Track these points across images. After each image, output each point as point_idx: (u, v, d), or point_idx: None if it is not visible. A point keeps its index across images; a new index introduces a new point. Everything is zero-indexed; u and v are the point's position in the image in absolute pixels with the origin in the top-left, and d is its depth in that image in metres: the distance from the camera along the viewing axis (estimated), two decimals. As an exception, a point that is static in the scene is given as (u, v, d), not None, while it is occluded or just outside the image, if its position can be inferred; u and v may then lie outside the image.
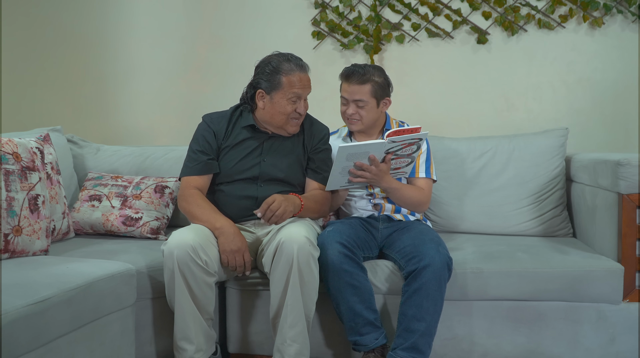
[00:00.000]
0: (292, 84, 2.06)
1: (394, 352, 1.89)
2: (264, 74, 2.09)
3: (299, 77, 2.08)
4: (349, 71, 2.19)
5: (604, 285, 1.99)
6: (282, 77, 2.07)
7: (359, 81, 2.16)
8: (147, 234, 2.43)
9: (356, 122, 2.22)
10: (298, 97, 2.09)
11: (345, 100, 2.22)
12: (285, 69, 2.07)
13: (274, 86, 2.08)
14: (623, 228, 2.02)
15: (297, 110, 2.10)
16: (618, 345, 2.02)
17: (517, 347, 2.05)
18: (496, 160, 2.57)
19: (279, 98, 2.08)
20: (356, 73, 2.17)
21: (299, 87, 2.08)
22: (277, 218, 1.93)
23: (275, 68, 2.07)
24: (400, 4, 3.02)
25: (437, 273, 1.88)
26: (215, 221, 1.99)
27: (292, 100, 2.08)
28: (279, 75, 2.07)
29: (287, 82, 2.06)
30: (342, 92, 2.23)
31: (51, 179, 2.27)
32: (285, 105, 2.08)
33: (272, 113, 2.11)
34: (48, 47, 3.46)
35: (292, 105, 2.09)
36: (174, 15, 3.30)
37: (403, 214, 2.27)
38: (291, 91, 2.07)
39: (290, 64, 2.08)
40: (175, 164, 2.68)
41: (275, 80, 2.07)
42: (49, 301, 1.56)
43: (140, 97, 3.38)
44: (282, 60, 2.09)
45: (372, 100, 2.18)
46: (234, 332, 2.16)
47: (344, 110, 2.24)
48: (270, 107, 2.10)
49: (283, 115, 2.10)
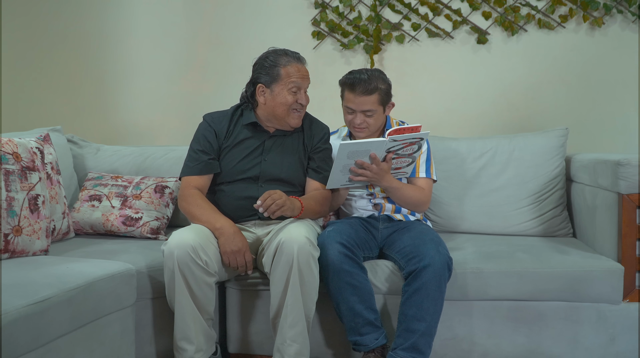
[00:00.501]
0: (290, 74, 2.09)
1: (394, 352, 1.89)
2: (263, 68, 2.12)
3: (297, 67, 2.11)
4: (353, 80, 2.13)
5: (604, 285, 1.99)
6: (281, 69, 2.09)
7: (366, 91, 2.11)
8: (147, 234, 2.43)
9: (364, 130, 2.19)
10: (298, 87, 2.10)
11: (351, 110, 2.17)
12: (283, 61, 2.10)
13: (273, 78, 2.10)
14: (623, 228, 2.02)
15: (299, 101, 2.11)
16: (618, 345, 2.02)
17: (517, 347, 2.05)
18: (496, 160, 2.57)
19: (280, 89, 2.10)
20: (362, 82, 2.11)
21: (298, 77, 2.10)
22: (276, 207, 1.92)
23: (274, 61, 2.11)
24: (400, 4, 3.02)
25: (437, 273, 1.88)
26: (215, 221, 1.99)
27: (293, 91, 2.10)
28: (278, 67, 2.10)
29: (285, 73, 2.09)
30: (346, 102, 2.18)
31: (51, 178, 2.27)
32: (286, 96, 2.10)
33: (274, 105, 2.12)
34: (48, 47, 3.46)
35: (293, 96, 2.10)
36: (174, 15, 3.30)
37: (403, 214, 2.26)
38: (290, 81, 2.09)
39: (287, 57, 2.12)
40: (175, 163, 2.68)
41: (275, 73, 2.10)
42: (49, 301, 1.56)
43: (140, 97, 3.38)
44: (279, 54, 2.13)
45: (380, 108, 2.16)
46: (234, 332, 2.16)
47: (350, 119, 2.19)
48: (271, 99, 2.11)
49: (285, 106, 2.11)
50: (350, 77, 2.16)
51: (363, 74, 2.14)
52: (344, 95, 2.20)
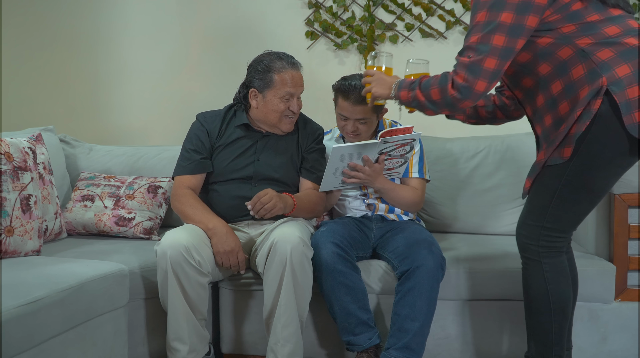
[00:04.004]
0: (284, 82, 2.06)
1: (388, 351, 1.89)
2: (257, 72, 2.10)
3: (291, 74, 2.08)
4: (347, 88, 2.09)
5: (596, 284, 2.01)
6: (275, 75, 2.06)
7: (360, 100, 2.06)
8: (140, 234, 2.42)
9: (357, 137, 2.16)
10: (291, 95, 2.08)
11: (344, 117, 2.14)
12: (277, 67, 2.07)
13: (266, 84, 2.08)
14: (615, 228, 2.04)
15: (290, 108, 2.10)
16: (610, 344, 2.03)
17: (510, 347, 2.06)
18: (489, 160, 2.58)
19: (272, 96, 2.08)
20: (355, 90, 2.06)
21: (291, 86, 2.07)
22: (265, 212, 1.92)
23: (267, 66, 2.07)
24: (393, 4, 3.02)
25: (431, 273, 1.88)
26: (208, 221, 1.99)
27: (285, 99, 2.08)
28: (271, 73, 2.07)
29: (279, 80, 2.06)
30: (340, 109, 2.14)
31: (43, 179, 2.26)
32: (278, 104, 2.08)
33: (265, 111, 2.11)
34: (41, 47, 3.44)
35: (285, 104, 2.08)
36: (167, 15, 3.29)
37: (397, 214, 2.27)
38: (284, 89, 2.06)
39: (282, 62, 2.08)
40: (168, 163, 2.67)
41: (268, 79, 2.07)
42: (42, 302, 1.55)
43: (134, 97, 3.37)
44: (274, 59, 2.09)
45: (373, 116, 2.15)
46: (227, 332, 2.16)
47: (342, 126, 2.16)
48: (263, 105, 2.10)
49: (276, 114, 2.10)
50: (344, 84, 2.12)
51: (356, 79, 2.09)
52: (337, 102, 2.16)
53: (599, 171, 1.57)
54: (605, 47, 1.52)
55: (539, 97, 1.66)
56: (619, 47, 1.52)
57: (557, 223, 1.63)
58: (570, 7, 1.55)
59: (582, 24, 1.55)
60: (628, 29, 1.54)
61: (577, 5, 1.55)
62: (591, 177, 1.57)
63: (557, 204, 1.60)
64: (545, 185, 1.62)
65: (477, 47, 1.56)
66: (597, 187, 1.60)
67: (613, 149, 1.53)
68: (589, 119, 1.50)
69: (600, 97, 1.49)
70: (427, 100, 1.69)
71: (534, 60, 1.61)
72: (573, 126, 1.53)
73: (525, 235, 1.68)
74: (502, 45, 1.54)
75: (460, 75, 1.59)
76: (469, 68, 1.57)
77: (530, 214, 1.67)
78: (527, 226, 1.68)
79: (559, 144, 1.57)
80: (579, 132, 1.51)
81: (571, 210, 1.62)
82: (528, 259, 1.70)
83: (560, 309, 1.67)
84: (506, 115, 2.00)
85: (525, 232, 1.68)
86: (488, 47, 1.55)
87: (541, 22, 1.55)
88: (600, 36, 1.53)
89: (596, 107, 1.49)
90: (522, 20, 1.52)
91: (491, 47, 1.54)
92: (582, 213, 1.65)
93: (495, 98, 2.00)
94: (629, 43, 1.52)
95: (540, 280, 1.67)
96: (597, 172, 1.57)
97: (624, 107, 1.47)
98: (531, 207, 1.67)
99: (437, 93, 1.65)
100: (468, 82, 1.58)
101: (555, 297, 1.66)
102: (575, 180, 1.57)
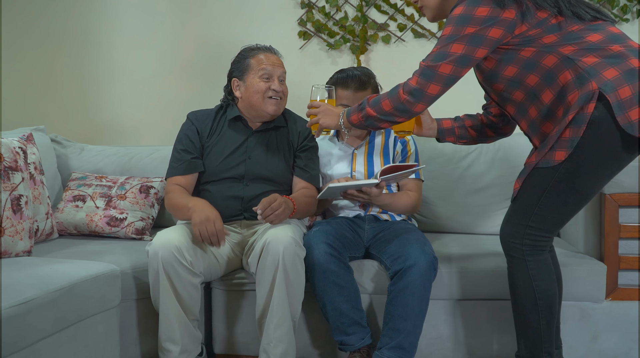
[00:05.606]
0: (259, 61, 2.13)
1: (380, 351, 1.89)
2: (234, 63, 2.21)
3: (265, 55, 2.16)
4: (346, 78, 2.14)
5: (587, 283, 2.02)
6: (250, 59, 2.16)
7: (360, 86, 2.11)
8: (132, 235, 2.41)
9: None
10: (269, 74, 2.13)
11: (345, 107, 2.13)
12: (252, 52, 2.17)
13: (244, 70, 2.15)
14: (606, 227, 2.05)
15: (272, 87, 2.12)
16: (601, 343, 2.04)
17: (502, 346, 2.06)
18: (481, 160, 2.59)
19: (251, 79, 2.14)
20: (355, 78, 2.13)
21: (267, 64, 2.13)
22: (275, 218, 1.92)
23: (243, 55, 2.19)
24: (386, 4, 3.03)
25: (423, 272, 1.89)
26: (188, 201, 2.01)
27: (264, 78, 2.12)
28: (247, 59, 2.16)
29: (254, 62, 2.14)
30: (340, 100, 2.15)
31: (34, 179, 2.25)
32: (259, 83, 2.12)
33: (249, 96, 2.14)
34: (32, 46, 3.42)
35: (265, 83, 2.12)
36: (159, 15, 3.28)
37: (389, 214, 2.27)
38: (260, 68, 2.13)
39: (257, 49, 2.19)
40: (160, 163, 2.66)
41: (245, 64, 2.16)
42: (32, 303, 1.54)
43: (126, 96, 3.36)
44: (248, 48, 2.20)
45: None
46: (219, 332, 2.15)
47: None
48: (245, 90, 2.15)
49: (259, 94, 2.13)
50: (341, 76, 2.17)
51: (354, 70, 2.17)
52: (335, 95, 2.15)
53: (588, 175, 1.57)
54: (589, 53, 1.54)
55: (532, 109, 1.67)
56: (603, 52, 1.53)
57: (543, 224, 1.64)
58: (549, 21, 1.57)
59: (563, 34, 1.57)
60: (610, 35, 1.56)
61: (556, 19, 1.57)
62: (580, 180, 1.58)
63: (544, 205, 1.61)
64: (533, 186, 1.63)
65: (436, 54, 1.62)
66: (586, 190, 1.61)
67: (604, 153, 1.54)
68: (584, 124, 1.50)
69: (594, 101, 1.49)
70: (379, 114, 1.74)
71: (521, 73, 1.63)
72: (566, 130, 1.54)
73: (510, 234, 1.69)
74: (460, 52, 1.59)
75: (414, 79, 1.65)
76: (423, 72, 1.64)
77: (516, 213, 1.68)
78: (512, 225, 1.69)
79: (550, 147, 1.57)
80: (577, 137, 1.51)
81: (557, 211, 1.63)
82: (512, 258, 1.71)
83: (547, 306, 1.68)
84: (496, 132, 2.01)
85: (510, 230, 1.69)
86: (446, 54, 1.60)
87: (521, 37, 1.58)
88: (583, 43, 1.55)
89: (590, 111, 1.49)
90: (484, 31, 1.57)
91: (448, 54, 1.60)
92: (568, 215, 1.66)
93: (483, 117, 2.02)
94: (612, 49, 1.53)
95: (525, 277, 1.68)
96: (587, 175, 1.57)
97: (617, 108, 1.47)
98: (517, 207, 1.68)
99: (389, 103, 1.71)
100: (420, 85, 1.64)
101: (541, 294, 1.67)
102: (564, 182, 1.58)
